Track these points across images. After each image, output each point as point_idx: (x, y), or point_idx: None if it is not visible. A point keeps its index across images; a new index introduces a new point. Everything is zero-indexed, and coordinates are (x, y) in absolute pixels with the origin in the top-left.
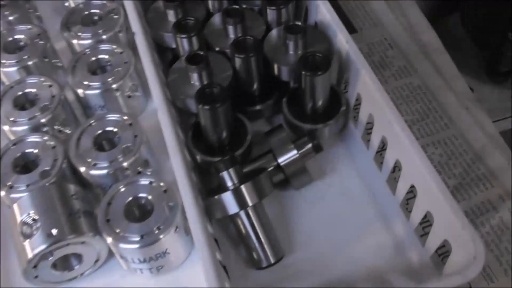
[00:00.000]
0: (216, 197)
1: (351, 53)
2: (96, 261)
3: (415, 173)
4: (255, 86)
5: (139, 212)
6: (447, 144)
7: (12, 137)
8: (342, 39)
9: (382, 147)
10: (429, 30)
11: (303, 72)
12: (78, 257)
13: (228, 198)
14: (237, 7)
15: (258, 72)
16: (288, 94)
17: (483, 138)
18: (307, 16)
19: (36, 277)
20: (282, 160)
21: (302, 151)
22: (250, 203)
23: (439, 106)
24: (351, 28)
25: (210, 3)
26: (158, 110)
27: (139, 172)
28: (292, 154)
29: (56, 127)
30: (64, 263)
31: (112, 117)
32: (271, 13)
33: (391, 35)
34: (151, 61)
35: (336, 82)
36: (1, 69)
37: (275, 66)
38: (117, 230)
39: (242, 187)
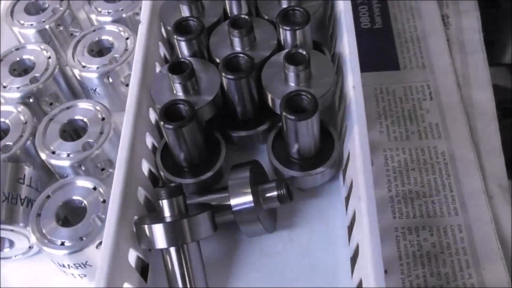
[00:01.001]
0: (146, 225)
1: (353, 102)
2: (30, 248)
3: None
4: (242, 110)
5: (71, 216)
6: (446, 234)
7: (2, 101)
8: (350, 83)
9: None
10: (486, 88)
11: (284, 114)
12: (10, 240)
13: (158, 231)
14: (246, 17)
15: (248, 96)
16: (278, 128)
17: (494, 240)
18: (336, 43)
19: None
20: (235, 204)
21: (261, 200)
22: (180, 242)
23: (457, 184)
24: (394, 64)
25: (227, 3)
26: (125, 112)
27: (103, 169)
28: (247, 201)
29: (46, 99)
30: None
31: (86, 105)
32: (283, 33)
33: (436, 82)
34: (141, 57)
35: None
36: (19, 30)
37: (269, 96)
38: (44, 230)
39: (175, 222)
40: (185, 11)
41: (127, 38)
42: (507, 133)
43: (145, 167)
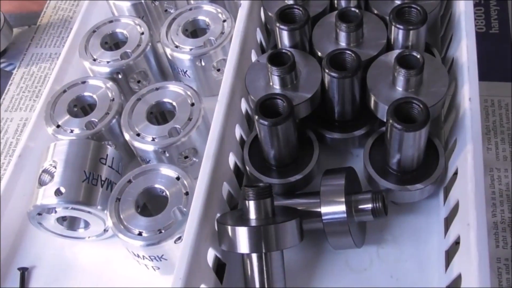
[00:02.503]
0: (230, 226)
1: (467, 115)
2: (105, 230)
3: None
4: (340, 110)
5: (150, 204)
6: None
7: (91, 74)
8: (465, 94)
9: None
10: None
11: (391, 122)
12: (86, 221)
13: (242, 234)
14: (356, 10)
15: (350, 97)
16: (378, 134)
17: None
18: (449, 46)
19: (40, 223)
20: (326, 212)
21: (353, 211)
22: (264, 249)
23: None
24: (509, 75)
25: None
26: (218, 101)
27: (186, 157)
28: (339, 211)
29: (135, 76)
30: (71, 221)
31: (177, 88)
32: (395, 31)
33: None
34: (239, 44)
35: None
36: (114, 1)
37: (372, 99)
38: (122, 215)
39: (262, 228)
40: None
41: (224, 21)
42: None
43: (232, 161)
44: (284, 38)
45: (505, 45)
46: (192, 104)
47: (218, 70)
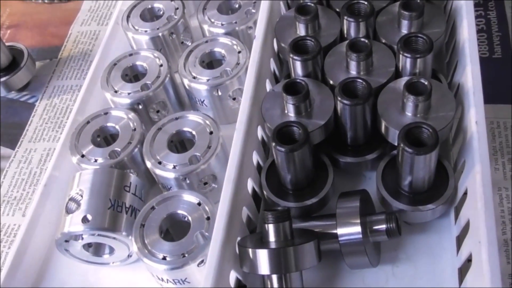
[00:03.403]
0: (250, 249)
1: (474, 138)
2: (129, 256)
3: None
4: (353, 135)
5: (173, 229)
6: None
7: (112, 106)
8: (472, 117)
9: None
10: None
11: (401, 146)
12: (111, 247)
13: (262, 256)
14: (366, 41)
15: (362, 122)
16: (389, 157)
17: None
18: (455, 72)
19: (67, 250)
20: (342, 234)
21: (368, 232)
22: (284, 270)
23: None
24: None
25: (345, 23)
26: (236, 129)
27: (206, 183)
28: (355, 232)
29: (154, 106)
30: (96, 247)
31: (195, 117)
32: (403, 59)
33: None
34: (254, 74)
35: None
36: (132, 35)
37: (383, 124)
38: (146, 240)
39: (281, 250)
40: (301, 30)
41: (239, 52)
42: None
43: (250, 186)
44: (298, 68)
45: (508, 69)
46: (211, 133)
47: (234, 99)
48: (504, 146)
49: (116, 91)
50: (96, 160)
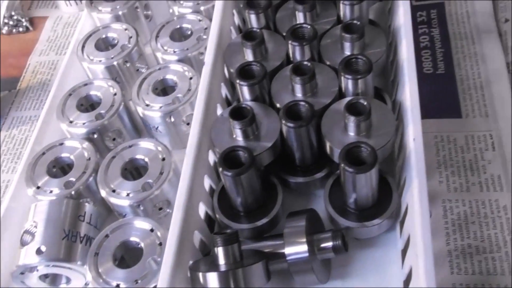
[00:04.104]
0: (200, 273)
1: (413, 154)
2: (86, 285)
3: None
4: (300, 156)
5: (127, 256)
6: None
7: (68, 136)
8: (410, 134)
9: None
10: None
11: (343, 166)
12: (67, 277)
13: (212, 279)
14: (308, 64)
15: (308, 143)
16: (336, 176)
17: None
18: (397, 90)
19: (23, 282)
20: (289, 253)
21: (316, 249)
22: None
23: None
24: (456, 112)
25: (290, 47)
26: (186, 155)
27: (160, 209)
28: (301, 251)
29: (110, 134)
30: (53, 278)
31: (148, 145)
32: (345, 81)
33: (500, 132)
34: (204, 100)
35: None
36: (88, 65)
37: (327, 144)
38: (100, 269)
39: (230, 272)
40: (248, 55)
41: (190, 78)
42: None
43: (202, 210)
44: (245, 92)
45: (451, 84)
46: (163, 159)
47: (188, 124)
48: (448, 159)
49: (71, 122)
50: (51, 191)
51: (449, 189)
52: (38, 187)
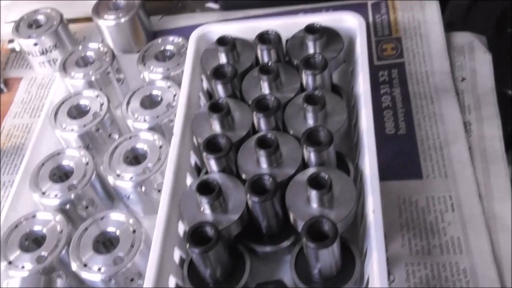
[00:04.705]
0: None
1: (372, 226)
2: None
3: None
4: (267, 226)
5: None
6: None
7: (41, 207)
8: (370, 206)
9: None
10: (507, 200)
11: (305, 241)
12: None
13: None
14: (272, 136)
15: (273, 215)
16: (300, 245)
17: None
18: (359, 158)
19: None
20: None
21: None
22: None
23: None
24: (417, 173)
25: (255, 119)
26: (156, 227)
27: (132, 280)
28: None
29: (83, 203)
30: None
31: (119, 217)
32: (307, 153)
33: (458, 193)
34: (172, 171)
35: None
36: (60, 133)
37: (291, 216)
38: None
39: None
40: (215, 125)
41: (160, 147)
42: None
43: (172, 282)
44: (212, 164)
45: (412, 144)
46: (134, 231)
47: (159, 191)
48: (410, 221)
49: (44, 193)
50: (23, 267)
51: (411, 252)
52: (10, 262)
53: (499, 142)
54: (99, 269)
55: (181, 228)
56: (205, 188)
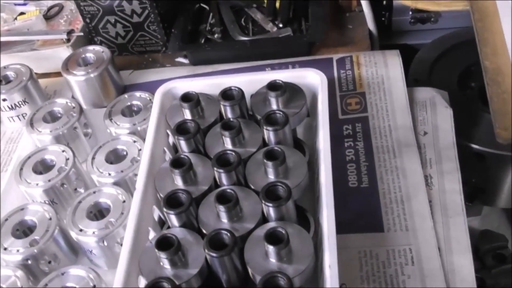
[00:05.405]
0: None
1: (328, 282)
2: None
3: None
4: (227, 280)
5: None
6: None
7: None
8: (327, 261)
9: None
10: (466, 253)
11: None
12: None
13: None
14: (232, 192)
15: (233, 269)
16: None
17: None
18: (319, 213)
19: None
20: None
21: None
22: None
23: None
24: (378, 226)
25: (216, 174)
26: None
27: None
28: None
29: (46, 257)
30: None
31: (79, 272)
32: (266, 207)
33: (418, 246)
34: (133, 227)
35: None
36: (25, 189)
37: (250, 271)
38: None
39: None
40: (178, 181)
41: (123, 201)
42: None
43: None
44: (173, 220)
45: (375, 198)
46: (94, 287)
47: (121, 245)
48: (370, 275)
49: (5, 249)
50: None
51: None
52: None
53: (459, 196)
54: None
55: (142, 282)
56: (164, 243)
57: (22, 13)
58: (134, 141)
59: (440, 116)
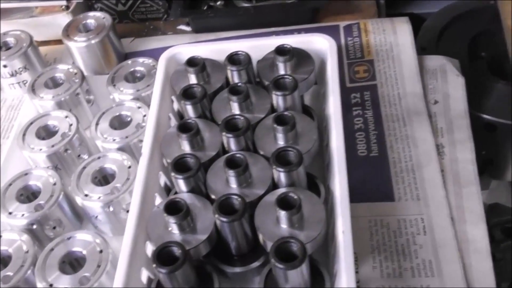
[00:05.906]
0: None
1: (341, 248)
2: None
3: None
4: (236, 247)
5: None
6: None
7: (7, 227)
8: (340, 227)
9: None
10: (480, 223)
11: (273, 262)
12: None
13: None
14: (241, 156)
15: (242, 235)
16: (270, 267)
17: None
18: (329, 178)
19: None
20: None
21: None
22: None
23: None
24: (389, 195)
25: (224, 139)
26: (121, 249)
27: None
28: None
29: (51, 223)
30: None
31: (86, 237)
32: (276, 173)
33: (430, 216)
34: (140, 191)
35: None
36: (29, 154)
37: (260, 237)
38: None
39: None
40: (185, 146)
41: (129, 167)
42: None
43: None
44: (181, 185)
45: (384, 167)
46: (101, 251)
47: (128, 211)
48: (381, 244)
49: (10, 213)
50: None
51: (382, 275)
52: None
53: (471, 166)
54: None
55: (149, 248)
56: (173, 208)
57: None
58: (139, 107)
59: (452, 84)
